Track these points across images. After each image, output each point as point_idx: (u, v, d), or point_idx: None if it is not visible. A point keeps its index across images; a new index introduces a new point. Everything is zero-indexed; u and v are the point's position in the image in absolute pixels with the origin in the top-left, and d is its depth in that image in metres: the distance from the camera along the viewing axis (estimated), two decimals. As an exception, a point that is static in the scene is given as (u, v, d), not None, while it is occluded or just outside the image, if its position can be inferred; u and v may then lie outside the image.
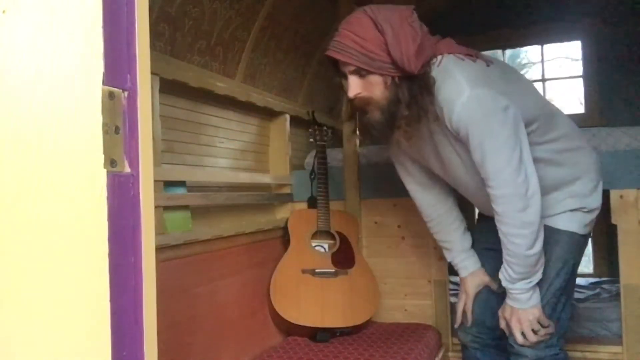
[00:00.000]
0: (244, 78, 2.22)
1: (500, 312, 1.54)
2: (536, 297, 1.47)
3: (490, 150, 1.34)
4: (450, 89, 1.35)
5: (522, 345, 1.51)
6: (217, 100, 2.10)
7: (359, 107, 1.41)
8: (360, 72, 1.34)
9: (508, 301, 1.50)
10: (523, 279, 1.45)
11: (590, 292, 2.50)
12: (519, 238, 1.40)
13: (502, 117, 1.32)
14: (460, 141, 1.41)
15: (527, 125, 1.39)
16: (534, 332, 1.48)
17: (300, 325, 2.13)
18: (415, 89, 1.34)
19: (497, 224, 1.43)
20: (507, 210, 1.39)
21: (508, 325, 1.52)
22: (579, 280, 2.78)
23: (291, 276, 2.22)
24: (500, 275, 1.50)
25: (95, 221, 0.50)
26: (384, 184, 1.68)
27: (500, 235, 1.44)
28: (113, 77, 0.53)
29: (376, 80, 1.34)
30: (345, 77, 1.38)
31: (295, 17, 2.43)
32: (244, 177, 2.31)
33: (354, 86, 1.35)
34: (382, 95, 1.35)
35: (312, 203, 2.44)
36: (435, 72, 1.37)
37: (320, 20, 2.64)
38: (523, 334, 1.49)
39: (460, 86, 1.33)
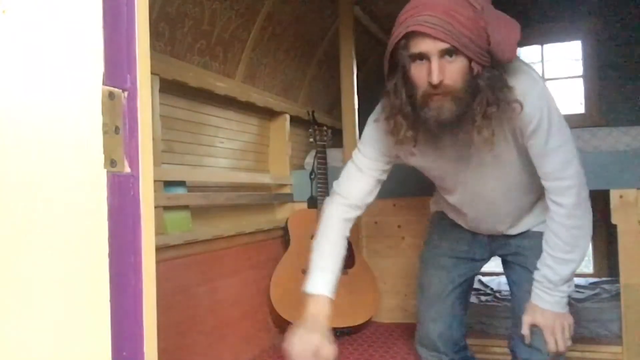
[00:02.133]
0: (244, 78, 2.22)
1: (532, 319, 1.41)
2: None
3: (563, 142, 1.32)
4: (525, 82, 1.27)
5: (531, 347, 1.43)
6: (217, 100, 2.10)
7: (431, 97, 1.20)
8: (450, 55, 1.15)
9: (550, 307, 1.38)
10: (567, 282, 1.38)
11: (590, 292, 2.50)
12: (585, 230, 1.38)
13: None
14: (511, 145, 1.34)
15: None
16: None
17: (300, 325, 2.13)
18: (496, 79, 1.21)
19: (561, 219, 1.36)
20: (577, 201, 1.35)
21: (542, 332, 1.39)
22: (579, 280, 2.78)
23: (291, 276, 2.22)
24: (547, 277, 1.38)
25: (95, 221, 0.50)
26: (384, 184, 1.69)
27: (562, 232, 1.36)
28: (113, 77, 0.53)
29: (462, 65, 1.17)
30: (414, 60, 1.19)
31: (295, 17, 2.43)
32: (244, 177, 2.31)
33: (441, 70, 1.15)
34: (461, 84, 1.18)
35: (312, 203, 2.45)
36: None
37: (320, 20, 2.65)
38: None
39: (533, 78, 1.30)
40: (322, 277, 1.40)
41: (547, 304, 1.39)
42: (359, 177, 1.48)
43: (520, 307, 1.47)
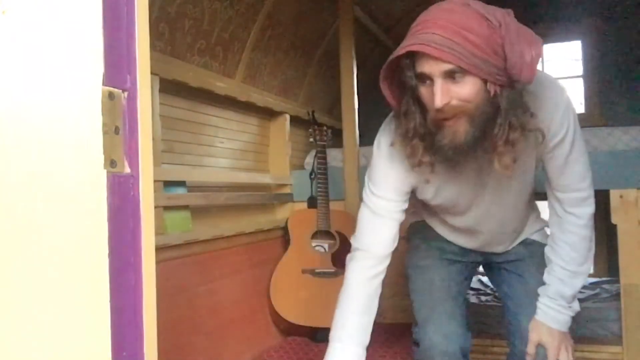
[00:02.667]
0: (244, 78, 2.22)
1: (539, 337, 1.33)
2: None
3: (582, 152, 1.29)
4: (550, 100, 1.20)
5: None
6: (217, 100, 2.10)
7: (442, 121, 1.10)
8: (456, 75, 1.05)
9: (560, 326, 1.33)
10: (575, 297, 1.34)
11: (590, 292, 2.50)
12: (594, 240, 1.36)
13: None
14: (532, 161, 1.28)
15: None
16: None
17: (300, 325, 2.13)
18: (517, 100, 1.09)
19: (579, 230, 1.32)
20: (593, 210, 1.33)
21: (547, 352, 1.33)
22: (579, 280, 2.77)
23: (291, 276, 2.23)
24: (561, 293, 1.32)
25: (95, 222, 0.50)
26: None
27: (579, 243, 1.33)
28: (113, 77, 0.52)
29: (473, 86, 1.06)
30: (423, 81, 1.09)
31: (295, 17, 2.43)
32: (244, 177, 2.31)
33: (445, 93, 1.05)
34: (475, 103, 1.07)
35: (312, 203, 2.45)
36: None
37: (320, 20, 2.65)
38: None
39: (557, 91, 1.24)
40: (341, 349, 1.27)
41: (557, 324, 1.33)
42: (378, 223, 1.32)
43: (519, 323, 1.39)
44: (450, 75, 1.05)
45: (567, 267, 1.33)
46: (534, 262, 1.43)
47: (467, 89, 1.06)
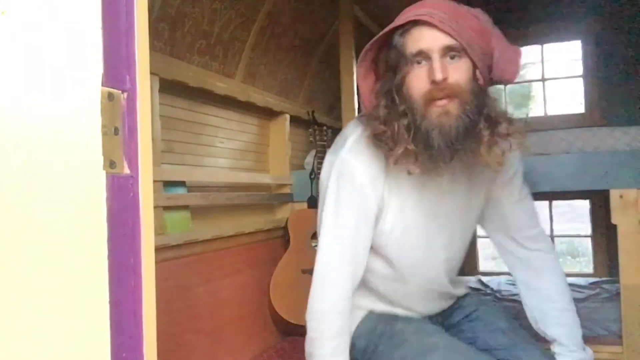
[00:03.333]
0: (244, 78, 2.22)
1: None
2: None
3: (528, 187, 1.26)
4: None
5: None
6: (217, 100, 2.10)
7: (433, 101, 1.02)
8: (453, 53, 1.01)
9: None
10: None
11: (590, 292, 2.50)
12: None
13: None
14: (483, 198, 1.23)
15: None
16: None
17: (300, 325, 2.13)
18: (497, 101, 1.07)
19: (553, 264, 1.26)
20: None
21: None
22: (579, 280, 2.78)
23: (291, 276, 2.22)
24: (575, 338, 1.22)
25: (94, 223, 0.50)
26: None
27: (559, 278, 1.26)
28: (112, 78, 0.52)
29: (467, 69, 1.02)
30: (414, 62, 1.03)
31: (295, 17, 2.43)
32: (244, 177, 2.31)
33: (444, 69, 1.00)
34: (467, 92, 1.02)
35: (312, 203, 2.44)
36: None
37: (320, 20, 2.64)
38: None
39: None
40: None
41: None
42: (347, 272, 1.15)
43: None
44: (447, 53, 1.01)
45: (568, 306, 1.24)
46: (489, 306, 1.36)
47: (462, 71, 1.01)
